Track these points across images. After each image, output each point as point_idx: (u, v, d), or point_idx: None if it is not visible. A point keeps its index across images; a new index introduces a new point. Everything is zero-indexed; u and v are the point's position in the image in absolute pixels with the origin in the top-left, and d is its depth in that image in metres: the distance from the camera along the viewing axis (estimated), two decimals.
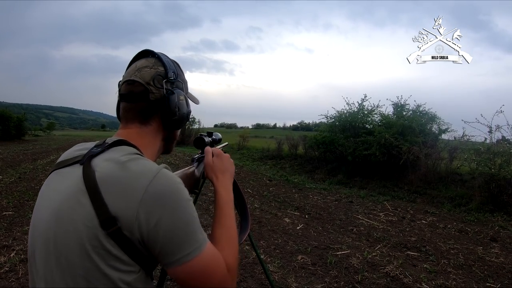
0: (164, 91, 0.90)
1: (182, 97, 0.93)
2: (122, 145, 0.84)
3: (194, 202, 2.16)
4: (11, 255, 3.85)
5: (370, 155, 9.72)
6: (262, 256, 4.13)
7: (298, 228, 5.40)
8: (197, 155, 1.26)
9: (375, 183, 9.27)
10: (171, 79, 0.92)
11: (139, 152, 0.84)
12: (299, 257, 4.17)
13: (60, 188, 0.78)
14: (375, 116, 11.54)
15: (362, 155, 9.98)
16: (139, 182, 0.72)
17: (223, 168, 1.13)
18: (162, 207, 0.72)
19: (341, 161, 11.24)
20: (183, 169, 1.07)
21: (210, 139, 1.37)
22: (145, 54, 0.96)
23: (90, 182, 0.73)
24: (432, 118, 10.07)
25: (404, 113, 10.53)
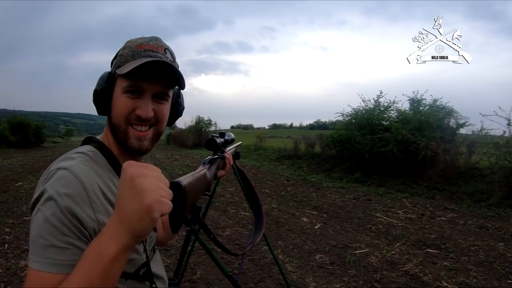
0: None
1: (103, 75, 0.92)
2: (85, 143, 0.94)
3: (208, 205, 2.17)
4: None
5: (387, 152, 9.57)
6: (280, 256, 4.14)
7: (316, 227, 5.38)
8: (208, 157, 1.21)
9: (393, 180, 9.14)
10: (111, 61, 0.95)
11: (90, 149, 0.88)
12: (317, 257, 4.15)
13: None
14: (392, 112, 11.35)
15: (379, 152, 9.84)
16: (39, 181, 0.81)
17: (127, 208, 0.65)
18: (33, 211, 0.75)
19: (359, 159, 11.11)
20: (193, 173, 0.96)
21: (222, 140, 1.33)
22: None
23: None
24: (449, 112, 9.80)
25: (421, 108, 10.30)
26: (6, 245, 4.31)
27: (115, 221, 0.64)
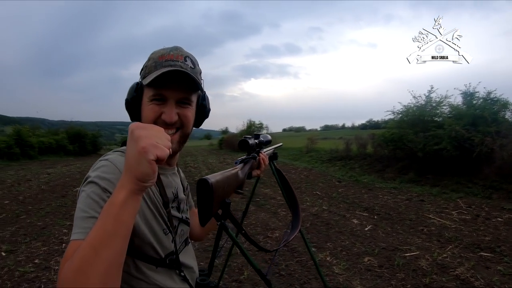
0: None
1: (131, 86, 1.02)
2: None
3: (248, 203, 2.26)
4: None
5: (441, 150, 9.13)
6: (327, 258, 4.16)
7: (366, 229, 5.32)
8: (241, 158, 1.30)
9: (448, 180, 8.70)
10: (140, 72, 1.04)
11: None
12: (366, 259, 4.12)
13: None
14: (444, 107, 10.76)
15: (433, 151, 9.41)
16: None
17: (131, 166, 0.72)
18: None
19: (412, 158, 10.71)
20: (224, 171, 1.02)
21: (256, 141, 1.37)
22: None
23: None
24: (505, 104, 9.13)
25: (474, 101, 9.66)
26: (63, 244, 4.77)
27: (123, 173, 0.71)
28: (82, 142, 27.66)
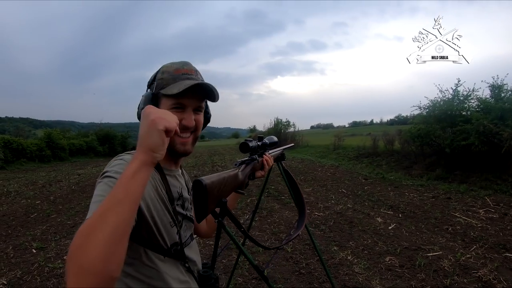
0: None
1: (142, 97, 1.10)
2: None
3: (258, 202, 2.32)
4: None
5: (469, 146, 8.85)
6: (348, 257, 4.17)
7: (389, 228, 5.28)
8: (240, 160, 1.33)
9: (476, 177, 8.42)
10: (148, 83, 1.15)
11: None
12: (387, 259, 4.10)
13: None
14: (472, 101, 10.25)
15: (460, 146, 9.12)
16: None
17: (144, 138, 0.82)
18: None
19: (440, 154, 10.44)
20: (221, 172, 1.08)
21: (258, 143, 1.40)
22: None
23: None
24: None
25: (502, 94, 9.24)
26: None
27: (137, 148, 0.80)
28: (111, 143, 28.54)
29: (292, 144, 2.03)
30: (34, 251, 4.66)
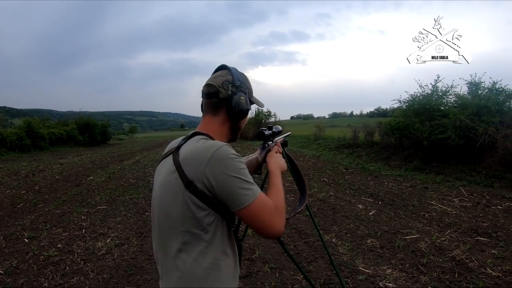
0: (230, 92, 1.25)
1: (242, 98, 1.26)
2: (197, 135, 1.22)
3: (263, 183, 2.50)
4: (107, 240, 4.59)
5: (446, 139, 9.24)
6: (333, 240, 4.37)
7: (370, 214, 5.50)
8: (260, 146, 1.60)
9: (452, 168, 8.81)
10: (236, 85, 1.27)
11: (208, 138, 1.20)
12: (369, 241, 4.32)
13: (162, 171, 1.16)
14: (450, 97, 10.76)
15: (438, 139, 9.51)
16: (205, 155, 1.03)
17: (276, 163, 1.42)
18: (220, 170, 1.01)
19: (417, 146, 10.81)
20: (248, 156, 1.47)
21: (270, 131, 1.61)
22: (222, 67, 1.35)
23: (176, 162, 1.07)
24: (510, 95, 9.13)
25: (479, 92, 9.68)
26: (83, 230, 5.03)
27: (275, 168, 1.35)
28: (91, 132, 28.04)
29: (290, 133, 2.19)
30: (27, 240, 4.61)
